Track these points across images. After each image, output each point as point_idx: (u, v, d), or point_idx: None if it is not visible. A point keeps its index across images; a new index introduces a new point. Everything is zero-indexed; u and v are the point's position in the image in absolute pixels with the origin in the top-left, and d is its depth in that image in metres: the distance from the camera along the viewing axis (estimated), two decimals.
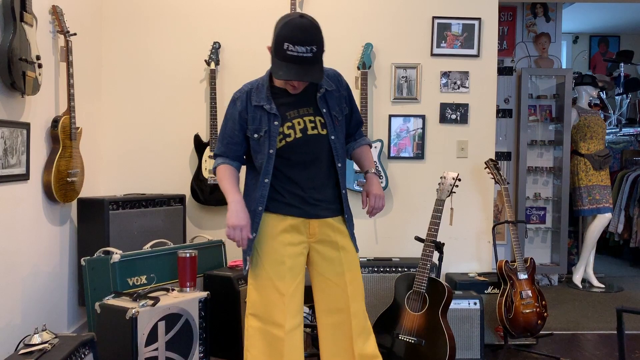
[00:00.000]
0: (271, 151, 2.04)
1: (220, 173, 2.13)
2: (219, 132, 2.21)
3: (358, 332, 2.13)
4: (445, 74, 3.76)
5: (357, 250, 2.21)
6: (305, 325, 3.21)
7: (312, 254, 2.15)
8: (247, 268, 2.13)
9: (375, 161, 2.30)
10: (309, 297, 2.57)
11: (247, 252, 2.12)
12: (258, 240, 2.11)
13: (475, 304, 3.15)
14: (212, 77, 3.63)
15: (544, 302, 3.26)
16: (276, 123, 2.04)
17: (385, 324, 2.88)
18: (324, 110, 2.09)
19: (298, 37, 1.87)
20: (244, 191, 2.19)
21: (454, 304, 3.06)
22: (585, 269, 5.01)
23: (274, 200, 2.10)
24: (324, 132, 2.08)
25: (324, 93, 2.10)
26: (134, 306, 2.48)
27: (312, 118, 2.07)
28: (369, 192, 2.15)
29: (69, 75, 2.98)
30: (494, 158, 3.61)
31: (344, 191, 2.17)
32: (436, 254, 2.94)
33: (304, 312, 3.43)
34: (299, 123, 2.05)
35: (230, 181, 2.10)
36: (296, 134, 2.04)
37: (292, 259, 2.08)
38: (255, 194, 2.11)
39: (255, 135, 2.07)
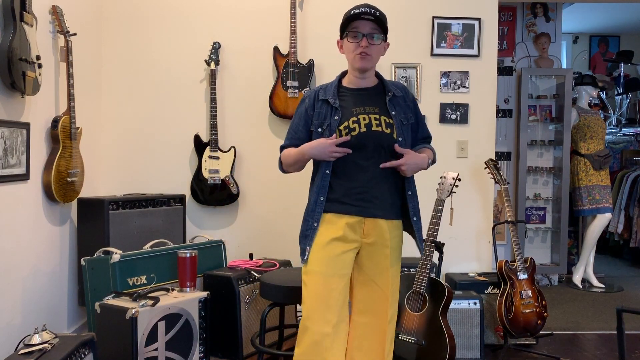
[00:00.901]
0: None
1: (286, 152, 2.25)
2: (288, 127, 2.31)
3: (391, 339, 2.20)
4: (445, 74, 3.76)
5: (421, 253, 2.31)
6: None
7: (362, 253, 2.17)
8: (305, 258, 2.12)
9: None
10: None
11: (306, 243, 2.13)
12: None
13: (475, 304, 3.15)
14: (212, 77, 3.64)
15: (544, 302, 3.26)
16: (336, 118, 2.11)
17: None
18: (393, 112, 2.16)
19: (362, 4, 2.11)
20: (310, 188, 2.25)
21: (454, 304, 3.06)
22: (585, 269, 5.01)
23: (330, 199, 2.13)
24: (388, 131, 2.12)
25: (392, 97, 2.19)
26: (134, 306, 2.48)
27: (377, 116, 2.13)
28: (405, 156, 2.12)
29: (69, 75, 2.98)
30: (494, 158, 3.61)
31: (409, 192, 2.19)
32: (436, 254, 2.94)
33: None
34: (364, 119, 2.11)
35: (294, 148, 2.20)
36: (360, 129, 2.09)
37: (343, 256, 2.10)
38: (315, 186, 2.16)
39: (319, 130, 2.14)
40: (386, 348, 2.18)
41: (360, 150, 2.10)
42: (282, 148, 2.29)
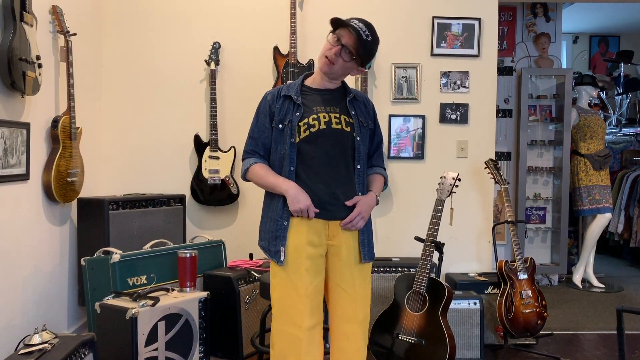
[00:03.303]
0: (292, 140, 2.09)
1: (260, 170, 2.16)
2: (249, 130, 2.24)
3: (364, 340, 2.19)
4: (445, 74, 3.76)
5: (372, 257, 2.21)
6: None
7: (329, 257, 2.16)
8: (282, 259, 2.09)
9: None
10: None
11: (279, 243, 2.10)
12: None
13: (475, 304, 3.15)
14: (212, 77, 3.64)
15: (544, 302, 3.26)
16: (298, 114, 2.11)
17: (385, 324, 2.88)
18: (353, 112, 2.18)
19: (363, 21, 2.14)
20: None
21: (454, 304, 3.06)
22: (585, 269, 5.01)
23: None
24: (348, 129, 2.13)
25: (352, 98, 2.21)
26: (134, 306, 2.48)
27: (337, 115, 2.14)
28: (358, 205, 2.13)
29: (69, 75, 2.98)
30: (494, 158, 3.61)
31: (360, 194, 2.16)
32: (436, 254, 2.94)
33: None
34: (324, 117, 2.12)
35: (274, 173, 2.13)
36: (320, 125, 2.10)
37: (311, 260, 2.09)
38: None
39: (280, 126, 2.12)
40: (360, 352, 2.17)
41: (319, 147, 2.10)
42: (246, 153, 2.21)
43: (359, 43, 2.06)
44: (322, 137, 2.10)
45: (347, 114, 2.16)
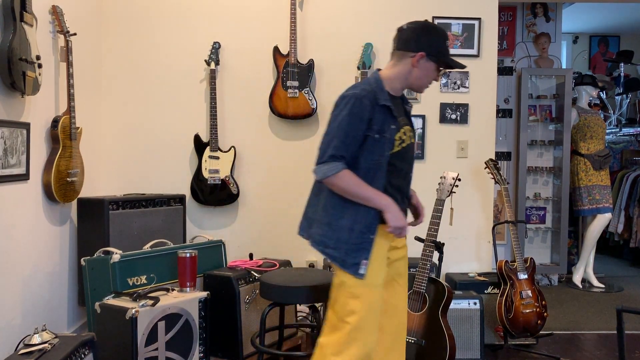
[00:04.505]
0: (387, 153, 2.08)
1: (352, 178, 2.04)
2: (337, 130, 2.03)
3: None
4: (445, 74, 3.76)
5: None
6: (306, 326, 3.21)
7: (389, 254, 2.22)
8: (362, 272, 2.04)
9: None
10: (311, 297, 2.57)
11: (362, 255, 2.05)
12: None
13: (475, 304, 3.15)
14: (212, 77, 3.64)
15: (544, 302, 3.26)
16: (394, 127, 2.10)
17: None
18: (411, 121, 2.28)
19: (446, 36, 2.20)
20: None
21: (454, 304, 3.06)
22: (585, 269, 5.01)
23: None
24: (413, 140, 2.24)
25: (410, 108, 2.29)
26: (134, 306, 2.48)
27: (410, 128, 2.21)
28: (421, 209, 2.31)
29: (69, 75, 2.98)
30: (494, 158, 3.61)
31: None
32: (436, 254, 2.94)
33: (304, 312, 3.43)
34: (408, 130, 2.18)
35: (367, 184, 2.06)
36: (408, 140, 2.17)
37: (387, 265, 2.19)
38: None
39: (377, 136, 2.05)
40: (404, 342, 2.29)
41: (406, 160, 2.17)
42: (334, 157, 2.03)
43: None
44: (408, 151, 2.17)
45: (411, 125, 2.23)
